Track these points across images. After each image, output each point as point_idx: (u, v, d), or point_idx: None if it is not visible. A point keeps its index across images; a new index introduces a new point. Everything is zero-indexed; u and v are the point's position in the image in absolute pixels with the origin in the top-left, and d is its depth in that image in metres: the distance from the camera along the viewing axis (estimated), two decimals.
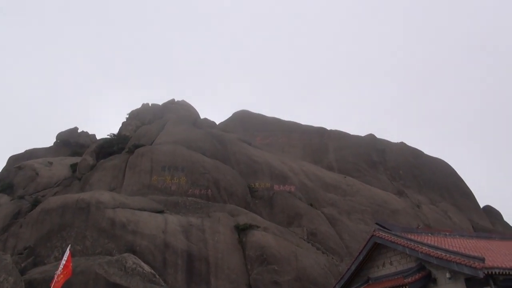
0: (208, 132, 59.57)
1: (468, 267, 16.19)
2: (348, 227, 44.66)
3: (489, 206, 68.45)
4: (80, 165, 51.92)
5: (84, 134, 78.68)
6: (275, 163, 53.43)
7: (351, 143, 69.12)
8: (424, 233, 22.87)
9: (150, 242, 33.66)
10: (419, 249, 18.92)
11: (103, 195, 38.68)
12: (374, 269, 22.62)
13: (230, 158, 52.73)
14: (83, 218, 35.48)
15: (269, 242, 35.72)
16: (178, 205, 41.00)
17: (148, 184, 44.25)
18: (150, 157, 47.55)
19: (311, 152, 67.50)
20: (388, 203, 51.48)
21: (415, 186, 62.81)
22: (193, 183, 44.98)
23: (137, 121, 66.73)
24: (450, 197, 63.18)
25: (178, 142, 52.65)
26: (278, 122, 75.47)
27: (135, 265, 30.53)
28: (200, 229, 36.36)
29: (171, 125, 60.70)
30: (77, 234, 34.45)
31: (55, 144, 72.72)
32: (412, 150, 72.17)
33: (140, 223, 35.29)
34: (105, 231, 34.50)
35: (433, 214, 54.19)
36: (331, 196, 50.60)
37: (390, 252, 21.78)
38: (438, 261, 17.80)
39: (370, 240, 22.58)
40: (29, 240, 35.17)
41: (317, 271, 34.36)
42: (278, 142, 69.59)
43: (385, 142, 72.32)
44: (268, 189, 48.64)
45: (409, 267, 20.04)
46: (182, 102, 76.00)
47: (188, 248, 33.92)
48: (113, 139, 59.82)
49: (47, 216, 36.34)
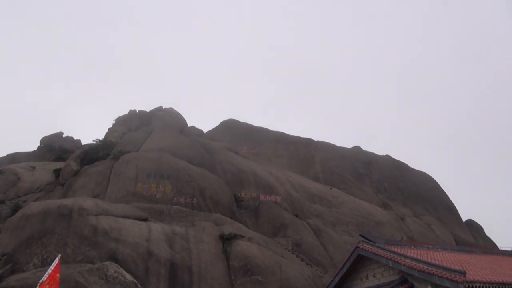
0: (195, 140, 59.41)
1: (449, 281, 16.32)
2: (333, 239, 44.78)
3: (471, 220, 69.53)
4: (64, 171, 51.11)
5: (69, 139, 77.52)
6: (261, 173, 53.46)
7: (337, 155, 69.65)
8: (408, 246, 23.04)
9: (133, 250, 33.18)
10: (402, 262, 19.02)
11: (86, 202, 38.09)
12: (358, 281, 22.65)
13: (216, 166, 52.58)
14: (65, 224, 34.82)
15: (253, 252, 35.57)
16: (163, 213, 40.60)
17: (133, 192, 43.76)
18: (135, 164, 47.13)
19: (297, 163, 67.76)
20: (372, 215, 51.85)
21: (399, 199, 63.48)
22: (179, 191, 44.66)
23: (123, 128, 66.20)
24: (433, 210, 63.98)
25: (164, 149, 52.36)
26: (266, 131, 75.64)
27: (117, 273, 30.02)
28: (184, 238, 36.02)
29: (157, 132, 60.37)
30: (58, 241, 33.75)
31: (39, 149, 71.51)
32: (397, 163, 73.02)
33: (123, 231, 34.80)
34: (87, 238, 33.90)
35: (417, 227, 54.75)
36: (317, 207, 50.77)
37: (374, 264, 21.85)
38: (420, 274, 17.91)
39: (354, 252, 22.64)
40: (7, 246, 34.25)
41: (301, 282, 34.28)
42: (265, 152, 69.69)
43: (371, 155, 73.07)
44: (254, 199, 48.56)
45: (391, 279, 20.12)
46: (170, 110, 75.68)
47: (171, 257, 33.53)
48: (99, 145, 59.15)
49: (27, 222, 35.54)
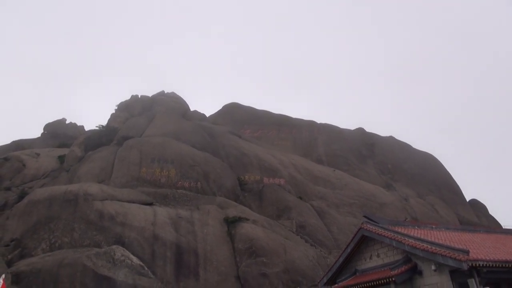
0: (198, 125, 59.34)
1: (452, 260, 16.45)
2: (336, 220, 45.02)
3: (475, 199, 69.62)
4: (68, 157, 51.36)
5: (72, 126, 77.86)
6: (265, 156, 53.49)
7: (340, 137, 69.52)
8: (411, 226, 23.18)
9: (139, 234, 33.55)
10: (405, 242, 19.16)
11: (91, 187, 38.37)
12: (362, 262, 22.89)
13: (219, 151, 52.64)
14: (71, 210, 35.18)
15: (258, 234, 35.87)
16: (167, 198, 40.89)
17: (137, 177, 43.98)
18: (139, 149, 47.25)
19: (301, 146, 67.73)
20: (376, 197, 52.00)
21: (403, 180, 63.51)
22: (183, 175, 44.86)
23: (126, 113, 66.09)
24: (437, 191, 64.07)
25: (167, 134, 52.38)
26: (268, 115, 75.43)
27: (124, 257, 30.43)
28: (189, 221, 36.34)
29: (160, 117, 60.29)
30: (65, 226, 34.15)
31: (43, 135, 71.86)
32: (400, 144, 72.87)
33: (128, 215, 35.14)
34: (93, 223, 34.28)
35: (420, 207, 54.92)
36: (320, 189, 50.92)
37: (378, 244, 22.03)
38: (424, 254, 18.07)
39: (358, 232, 22.82)
40: (15, 232, 34.74)
41: (305, 263, 34.64)
42: (268, 135, 69.67)
43: (374, 136, 72.87)
44: (257, 182, 48.71)
45: (395, 259, 20.30)
46: (172, 94, 75.36)
47: (177, 241, 33.90)
48: (102, 130, 59.20)
49: (34, 208, 35.94)
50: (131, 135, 52.78)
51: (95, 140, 55.02)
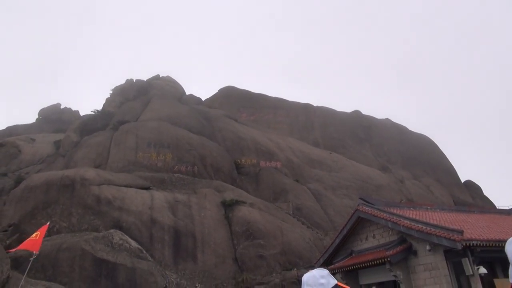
0: (194, 109, 59.09)
1: (447, 240, 16.68)
2: (333, 202, 45.39)
3: (470, 180, 70.31)
4: (64, 142, 51.17)
5: (67, 111, 77.39)
6: (261, 140, 53.51)
7: (337, 120, 69.54)
8: (407, 207, 23.44)
9: (137, 218, 33.72)
10: (400, 223, 19.39)
11: (88, 172, 38.33)
12: (357, 243, 23.18)
13: (216, 134, 52.58)
14: (68, 195, 35.21)
15: (255, 217, 36.16)
16: (164, 182, 40.97)
17: (134, 161, 43.97)
18: (135, 134, 47.11)
19: (297, 129, 67.73)
20: (372, 179, 52.36)
21: (399, 162, 63.91)
22: (179, 159, 44.87)
23: (121, 97, 65.63)
24: (432, 172, 64.59)
25: (163, 118, 52.17)
26: (264, 98, 75.11)
27: (122, 241, 30.62)
28: (186, 205, 36.52)
29: (156, 101, 59.93)
30: (62, 211, 34.23)
31: (38, 121, 71.44)
32: (397, 126, 73.04)
33: (126, 200, 35.24)
34: (91, 207, 34.37)
35: (416, 189, 55.43)
36: (317, 172, 51.17)
37: (373, 226, 22.29)
38: (419, 234, 18.30)
39: (354, 214, 23.06)
40: (13, 217, 34.80)
41: (302, 245, 35.05)
42: (264, 119, 69.50)
43: (370, 119, 72.93)
44: (254, 165, 48.83)
45: (391, 240, 20.58)
46: (167, 78, 74.76)
47: (174, 224, 34.12)
48: (97, 115, 58.91)
49: (31, 194, 35.92)
50: (127, 120, 52.55)
51: (91, 125, 54.79)
